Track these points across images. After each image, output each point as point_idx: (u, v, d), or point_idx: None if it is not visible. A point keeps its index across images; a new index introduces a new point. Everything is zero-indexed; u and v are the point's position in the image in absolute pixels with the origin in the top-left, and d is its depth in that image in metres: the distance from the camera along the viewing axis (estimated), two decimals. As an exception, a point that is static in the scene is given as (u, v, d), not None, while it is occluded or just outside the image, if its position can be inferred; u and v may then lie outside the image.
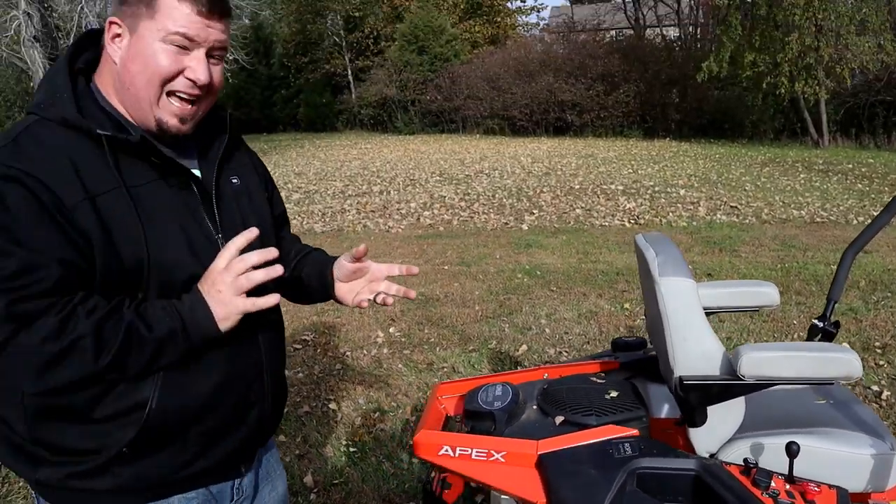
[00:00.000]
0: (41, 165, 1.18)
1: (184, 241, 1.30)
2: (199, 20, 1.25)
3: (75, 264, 1.19)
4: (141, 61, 1.25)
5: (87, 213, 1.19)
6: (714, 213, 9.11)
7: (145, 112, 1.29)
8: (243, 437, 1.44)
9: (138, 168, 1.28)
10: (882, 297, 5.34)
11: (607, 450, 1.79)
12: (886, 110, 18.27)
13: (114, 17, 1.27)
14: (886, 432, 1.88)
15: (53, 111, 1.24)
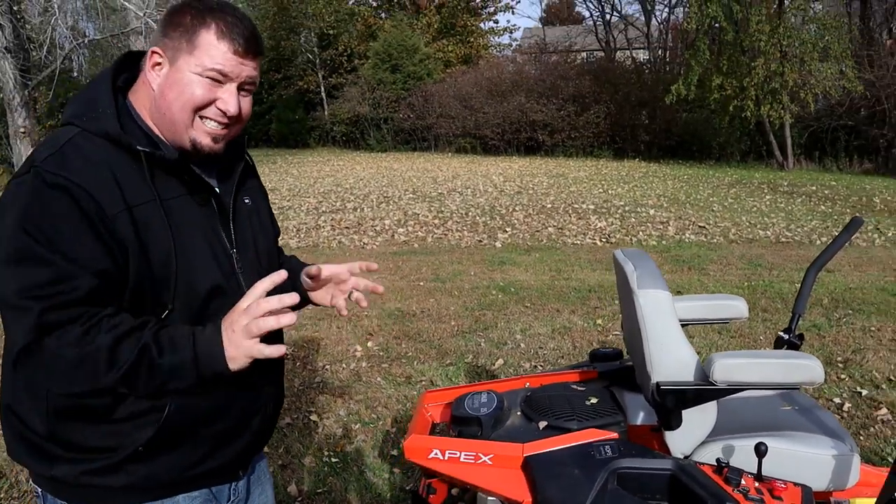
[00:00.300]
0: (86, 175, 1.26)
1: (207, 253, 1.40)
2: (234, 59, 1.35)
3: (109, 274, 1.26)
4: (177, 90, 1.35)
5: (125, 222, 1.27)
6: (683, 233, 9.34)
7: (180, 134, 1.38)
8: (247, 441, 1.52)
9: (170, 183, 1.37)
10: (844, 314, 5.55)
11: (589, 452, 1.89)
12: (848, 135, 18.84)
13: (156, 47, 1.37)
14: (847, 436, 2.01)
15: (97, 125, 1.33)
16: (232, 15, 1.37)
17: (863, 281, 6.63)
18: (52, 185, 1.24)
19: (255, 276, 1.39)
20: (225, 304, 1.35)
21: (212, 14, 1.35)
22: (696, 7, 18.10)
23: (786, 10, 17.55)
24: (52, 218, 1.23)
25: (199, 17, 1.35)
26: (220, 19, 1.35)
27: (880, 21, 20.28)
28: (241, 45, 1.36)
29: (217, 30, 1.34)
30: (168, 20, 1.37)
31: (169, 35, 1.36)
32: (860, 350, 4.74)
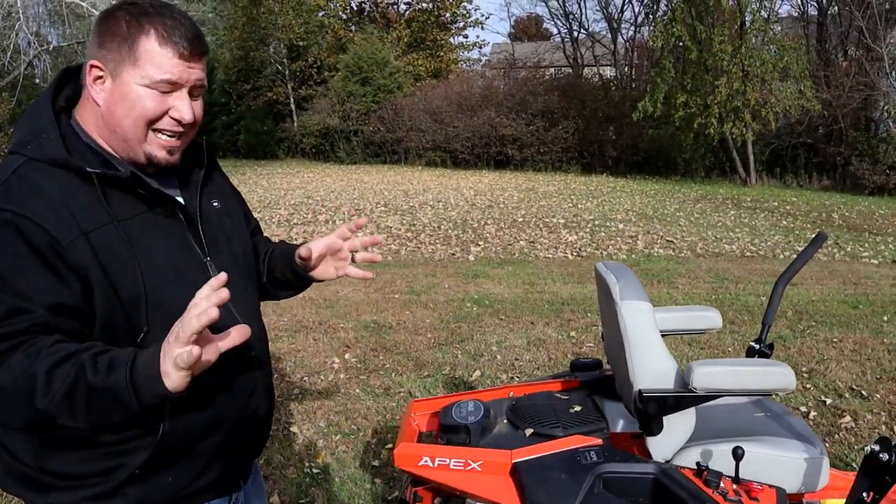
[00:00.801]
0: (34, 206, 1.20)
1: (177, 266, 1.34)
2: (180, 63, 1.29)
3: (64, 307, 1.20)
4: (126, 105, 1.29)
5: (82, 249, 1.22)
6: (652, 247, 9.53)
7: (134, 150, 1.32)
8: (243, 451, 1.52)
9: (127, 201, 1.31)
10: (807, 325, 5.74)
11: (575, 457, 1.97)
12: (807, 152, 19.38)
13: (95, 60, 1.29)
14: (817, 440, 2.12)
15: (42, 152, 1.27)
16: (170, 16, 1.29)
17: (825, 294, 6.84)
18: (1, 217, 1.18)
19: (236, 280, 1.37)
20: None
21: (149, 18, 1.27)
22: (661, 26, 18.52)
23: (747, 31, 18.03)
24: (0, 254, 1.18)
25: (136, 23, 1.27)
26: (158, 23, 1.27)
27: (836, 43, 20.92)
28: (186, 48, 1.29)
29: (158, 35, 1.27)
30: (102, 29, 1.29)
31: (106, 46, 1.28)
32: (824, 360, 4.91)
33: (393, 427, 3.94)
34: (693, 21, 17.94)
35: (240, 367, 1.43)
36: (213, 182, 1.55)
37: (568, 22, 32.51)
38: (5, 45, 17.05)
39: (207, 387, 1.33)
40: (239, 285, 1.46)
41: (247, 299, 1.53)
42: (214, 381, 1.34)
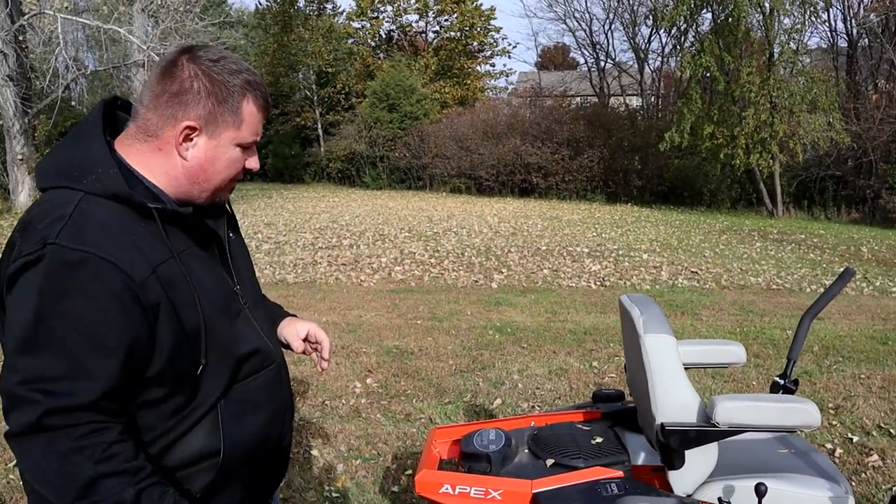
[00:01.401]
0: (107, 245, 1.21)
1: (220, 297, 1.40)
2: (262, 120, 1.41)
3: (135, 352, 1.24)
4: (222, 164, 1.38)
5: (153, 286, 1.24)
6: (676, 278, 9.47)
7: (208, 196, 1.41)
8: (277, 469, 1.60)
9: (179, 236, 1.35)
10: (834, 361, 5.66)
11: (596, 489, 1.97)
12: (836, 184, 19.20)
13: (192, 122, 1.33)
14: (842, 478, 2.10)
15: (100, 187, 1.26)
16: (259, 82, 1.39)
17: (852, 329, 6.75)
18: (73, 264, 1.19)
19: (255, 304, 1.53)
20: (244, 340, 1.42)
21: (251, 88, 1.36)
22: (689, 57, 18.55)
23: (775, 62, 18.01)
24: (74, 303, 1.18)
25: (240, 91, 1.35)
26: (257, 92, 1.37)
27: (866, 76, 20.82)
28: (270, 106, 1.44)
29: (255, 100, 1.37)
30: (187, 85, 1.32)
31: (203, 105, 1.32)
32: (851, 397, 4.83)
33: (413, 453, 3.95)
34: (721, 52, 17.96)
35: (277, 387, 1.52)
36: (228, 215, 1.59)
37: (595, 52, 32.64)
38: (45, 68, 17.48)
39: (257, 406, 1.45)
40: (259, 309, 1.56)
41: (267, 321, 1.60)
42: (262, 400, 1.46)
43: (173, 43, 19.09)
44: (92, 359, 1.18)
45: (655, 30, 27.53)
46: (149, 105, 1.34)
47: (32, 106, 17.29)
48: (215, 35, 24.49)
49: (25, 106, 16.92)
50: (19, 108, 16.67)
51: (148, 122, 1.34)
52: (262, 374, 1.46)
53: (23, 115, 16.90)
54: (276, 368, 1.51)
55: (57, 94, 17.29)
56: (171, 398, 1.32)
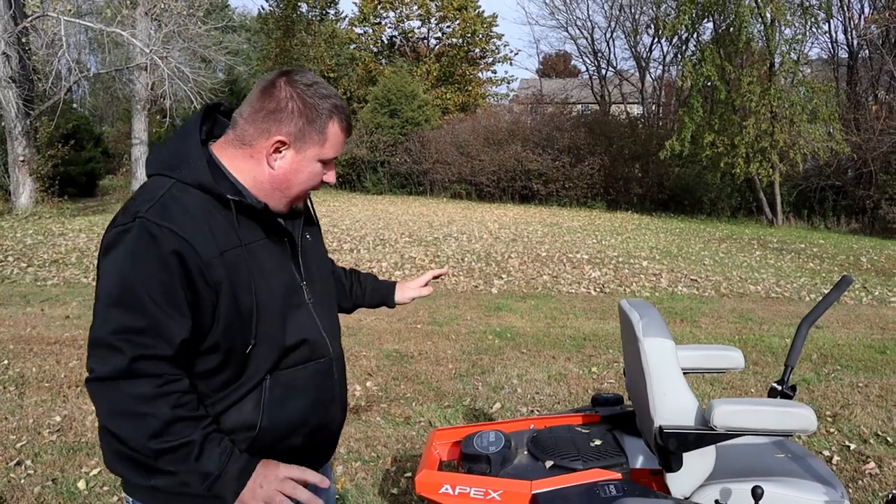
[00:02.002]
0: (185, 225, 1.42)
1: (282, 288, 1.58)
2: (343, 141, 1.60)
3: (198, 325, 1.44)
4: (304, 175, 1.57)
5: (218, 267, 1.44)
6: (675, 285, 9.50)
7: (287, 204, 1.61)
8: (317, 454, 1.72)
9: (252, 228, 1.54)
10: (832, 369, 5.68)
11: (594, 490, 1.99)
12: (836, 194, 19.26)
13: (283, 137, 1.52)
14: (838, 483, 2.12)
15: (190, 176, 1.48)
16: (340, 100, 1.58)
17: (850, 338, 6.77)
18: (155, 236, 1.39)
19: (321, 302, 1.69)
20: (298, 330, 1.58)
21: (337, 112, 1.55)
22: (690, 66, 18.61)
23: (776, 72, 18.08)
24: (153, 268, 1.39)
25: (327, 113, 1.54)
26: (341, 115, 1.56)
27: (866, 86, 20.90)
28: (351, 129, 1.62)
29: (339, 122, 1.56)
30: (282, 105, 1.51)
31: (294, 123, 1.52)
32: (848, 405, 4.85)
33: (413, 456, 3.96)
34: (722, 61, 18.04)
35: (326, 379, 1.67)
36: (308, 218, 1.76)
37: (596, 60, 32.76)
38: (47, 70, 17.54)
39: (300, 392, 1.59)
40: (325, 306, 1.72)
41: (331, 319, 1.75)
42: (307, 388, 1.61)
43: (176, 46, 19.17)
44: (167, 319, 1.39)
45: (657, 38, 27.65)
46: (247, 118, 1.54)
47: (34, 108, 17.33)
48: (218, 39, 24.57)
49: (27, 108, 16.97)
50: (21, 109, 16.72)
51: (245, 132, 1.54)
52: (311, 364, 1.62)
53: (25, 116, 16.94)
54: (328, 362, 1.66)
55: (59, 97, 17.34)
56: (223, 371, 1.51)
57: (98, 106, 38.30)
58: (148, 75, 18.86)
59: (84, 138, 23.92)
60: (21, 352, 5.87)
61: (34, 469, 3.75)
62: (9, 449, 3.99)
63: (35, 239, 12.51)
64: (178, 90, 18.47)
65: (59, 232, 13.49)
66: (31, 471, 3.73)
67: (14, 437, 4.16)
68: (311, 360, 1.62)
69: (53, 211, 16.71)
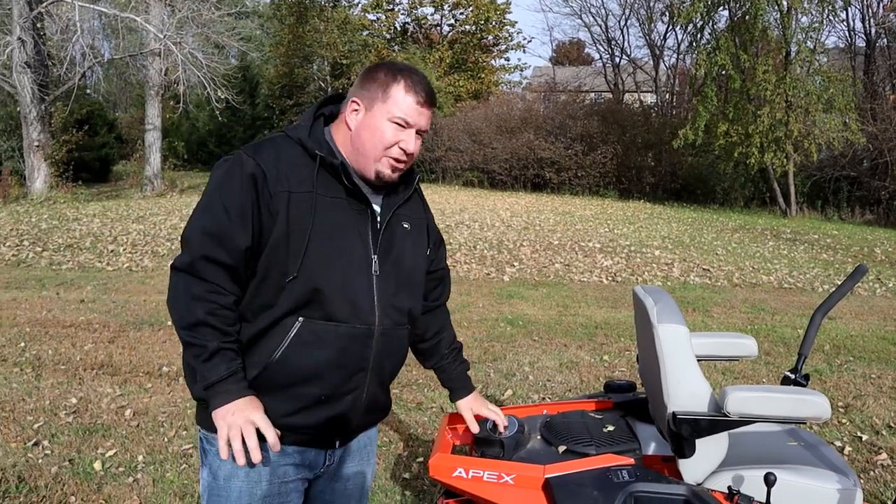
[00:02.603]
0: (268, 161, 1.67)
1: (345, 247, 1.71)
2: (416, 108, 1.72)
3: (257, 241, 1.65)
4: (370, 132, 1.72)
5: (282, 200, 1.65)
6: (687, 275, 9.47)
7: (368, 165, 1.74)
8: (335, 415, 1.77)
9: (333, 186, 1.72)
10: (845, 360, 5.66)
11: (607, 475, 2.00)
12: (850, 185, 19.10)
13: (356, 97, 1.74)
14: (850, 471, 2.12)
15: (294, 132, 1.75)
16: (417, 74, 1.74)
17: (864, 329, 6.74)
18: (241, 163, 1.67)
19: (390, 283, 1.77)
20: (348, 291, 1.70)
21: (402, 73, 1.72)
22: (704, 54, 18.46)
23: (792, 61, 17.90)
24: (235, 185, 1.64)
25: (392, 74, 1.72)
26: (408, 77, 1.72)
27: (883, 76, 20.68)
28: (423, 98, 1.73)
29: (405, 85, 1.71)
30: (366, 75, 1.75)
31: (366, 87, 1.74)
32: (861, 396, 4.84)
33: (425, 441, 3.99)
34: (737, 50, 17.88)
35: (359, 346, 1.73)
36: (411, 209, 1.90)
37: (610, 48, 32.57)
38: (62, 56, 17.62)
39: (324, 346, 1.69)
40: (392, 285, 1.79)
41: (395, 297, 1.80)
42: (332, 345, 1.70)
43: (189, 32, 19.18)
44: (235, 228, 1.63)
45: (671, 26, 27.43)
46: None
47: (49, 93, 17.42)
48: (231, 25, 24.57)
49: (42, 93, 17.06)
50: (36, 94, 16.80)
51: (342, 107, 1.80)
52: (346, 326, 1.70)
53: (40, 101, 17.03)
54: (368, 331, 1.73)
55: (73, 82, 17.42)
56: (261, 293, 1.68)
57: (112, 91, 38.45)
58: (161, 61, 18.88)
59: (98, 124, 24.06)
60: (37, 335, 5.93)
61: (51, 450, 3.81)
62: (26, 430, 4.04)
63: (50, 224, 12.61)
64: (192, 76, 18.51)
65: (74, 217, 13.58)
66: (48, 451, 3.78)
67: (31, 418, 4.21)
68: (349, 323, 1.70)
69: (68, 196, 16.82)
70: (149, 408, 4.41)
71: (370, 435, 2.01)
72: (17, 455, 3.71)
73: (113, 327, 6.23)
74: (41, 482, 3.44)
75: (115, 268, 9.14)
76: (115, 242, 10.83)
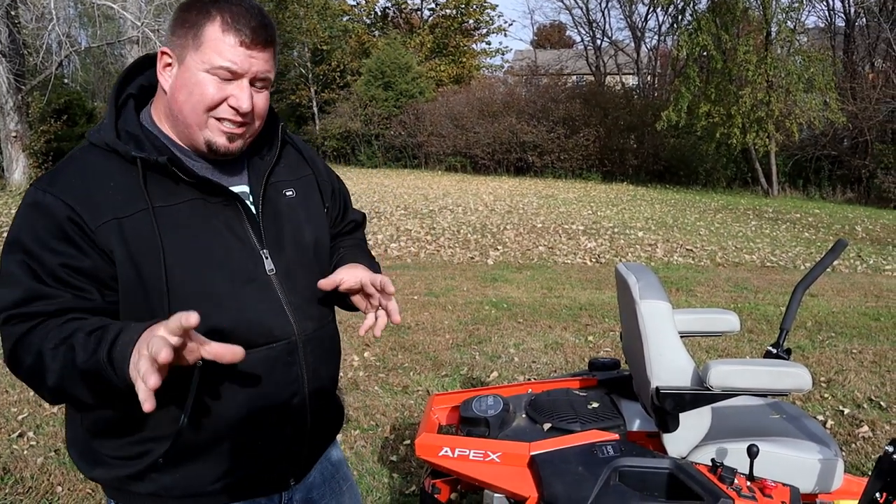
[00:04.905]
0: (72, 190, 1.25)
1: (212, 257, 1.31)
2: (242, 51, 1.27)
3: (85, 277, 1.24)
4: (187, 90, 1.29)
5: (110, 233, 1.24)
6: (671, 255, 9.52)
7: (194, 135, 1.32)
8: (280, 453, 1.43)
9: (174, 188, 1.30)
10: (826, 336, 5.73)
11: (592, 451, 2.02)
12: (831, 164, 19.24)
13: (165, 47, 1.31)
14: (832, 442, 2.15)
15: (98, 136, 1.32)
16: (237, 4, 1.28)
17: (845, 305, 6.82)
18: (36, 203, 1.25)
19: (300, 272, 1.40)
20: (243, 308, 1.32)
21: (216, 5, 1.27)
22: (686, 35, 18.47)
23: (772, 41, 17.96)
24: (35, 245, 1.23)
25: (204, 10, 1.27)
26: (224, 10, 1.27)
27: (863, 55, 20.78)
28: (248, 35, 1.27)
29: (222, 22, 1.26)
30: (175, 17, 1.30)
31: (176, 33, 1.30)
32: (842, 371, 4.90)
33: (411, 424, 4.00)
34: (718, 31, 17.90)
35: (282, 367, 1.38)
36: (290, 170, 1.50)
37: (591, 30, 32.51)
38: (38, 45, 17.34)
39: (240, 384, 1.32)
40: (299, 278, 1.42)
41: (307, 293, 1.44)
42: (250, 379, 1.33)
43: (167, 19, 18.93)
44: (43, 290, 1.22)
45: (652, 8, 27.42)
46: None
47: (26, 83, 17.16)
48: None
49: (19, 82, 16.80)
50: (12, 84, 16.55)
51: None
52: (261, 350, 1.33)
53: (16, 91, 16.78)
54: (288, 346, 1.37)
55: (50, 71, 17.16)
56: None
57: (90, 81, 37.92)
58: (140, 49, 18.62)
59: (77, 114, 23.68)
60: (19, 326, 5.87)
61: (36, 440, 3.78)
62: (10, 421, 4.01)
63: (29, 215, 12.46)
64: (171, 64, 18.27)
65: (54, 208, 13.43)
66: (33, 442, 3.76)
67: (15, 409, 4.18)
68: (261, 345, 1.33)
69: (47, 187, 16.59)
70: (134, 397, 4.38)
71: (333, 461, 1.66)
72: (1, 447, 3.69)
73: (96, 317, 6.19)
74: (27, 473, 3.42)
75: (96, 258, 9.06)
76: (96, 233, 10.73)
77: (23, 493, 3.27)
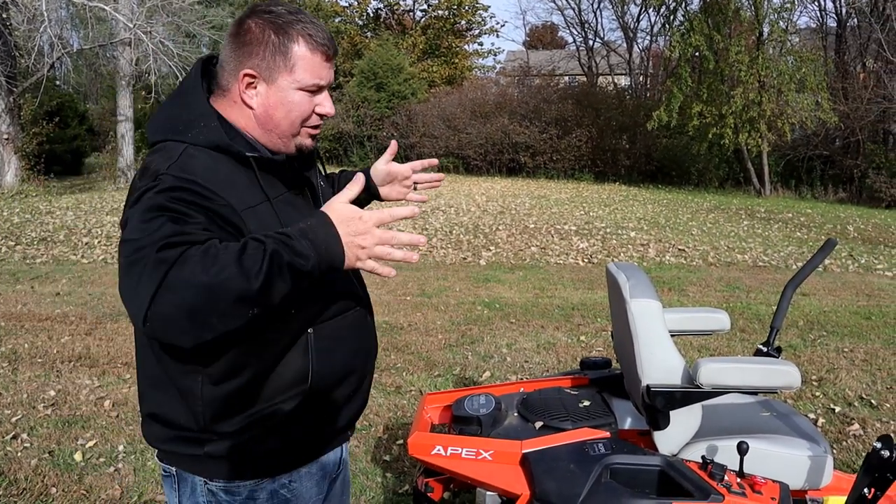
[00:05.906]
0: (210, 179, 1.33)
1: None
2: (326, 66, 1.44)
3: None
4: (285, 109, 1.43)
5: (247, 219, 1.34)
6: (663, 255, 9.56)
7: (289, 143, 1.48)
8: (359, 405, 1.65)
9: (274, 183, 1.45)
10: (818, 335, 5.76)
11: (584, 449, 2.03)
12: (823, 164, 19.35)
13: (248, 69, 1.40)
14: (822, 439, 2.17)
15: (203, 138, 1.39)
16: (310, 22, 1.42)
17: (836, 304, 6.86)
18: (176, 183, 1.29)
19: None
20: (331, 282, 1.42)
21: (294, 27, 1.40)
22: (678, 36, 18.54)
23: (764, 41, 18.04)
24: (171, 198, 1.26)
25: (283, 30, 1.39)
26: (304, 30, 1.40)
27: (854, 55, 20.90)
28: (330, 49, 1.44)
29: (307, 42, 1.40)
30: (246, 38, 1.40)
31: (255, 53, 1.40)
32: (834, 369, 4.93)
33: (404, 424, 4.01)
34: (710, 31, 17.97)
35: (363, 326, 1.62)
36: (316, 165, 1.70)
37: (583, 31, 32.59)
38: (30, 47, 17.28)
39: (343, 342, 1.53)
40: None
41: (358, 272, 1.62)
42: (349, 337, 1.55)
43: (159, 21, 18.90)
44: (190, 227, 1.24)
45: (644, 8, 27.49)
46: (222, 64, 1.45)
47: (18, 85, 17.10)
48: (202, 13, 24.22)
49: (11, 84, 16.74)
50: (4, 86, 16.49)
51: (222, 79, 1.46)
52: (349, 314, 1.54)
53: (8, 93, 16.72)
54: (362, 311, 1.60)
55: (42, 73, 17.10)
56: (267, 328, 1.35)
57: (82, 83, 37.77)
58: (132, 51, 18.60)
59: (69, 116, 23.67)
60: (13, 328, 5.86)
61: (30, 442, 3.77)
62: (4, 423, 4.00)
63: (22, 217, 12.42)
64: (163, 65, 18.26)
65: (47, 210, 13.39)
66: (27, 444, 3.75)
67: (9, 411, 4.17)
68: (349, 311, 1.54)
69: (40, 189, 16.57)
70: (128, 398, 4.38)
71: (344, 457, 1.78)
72: (-7, 449, 3.68)
73: (90, 319, 6.17)
74: (21, 475, 3.41)
75: (90, 260, 9.03)
76: (89, 235, 10.70)
77: (17, 495, 3.27)
